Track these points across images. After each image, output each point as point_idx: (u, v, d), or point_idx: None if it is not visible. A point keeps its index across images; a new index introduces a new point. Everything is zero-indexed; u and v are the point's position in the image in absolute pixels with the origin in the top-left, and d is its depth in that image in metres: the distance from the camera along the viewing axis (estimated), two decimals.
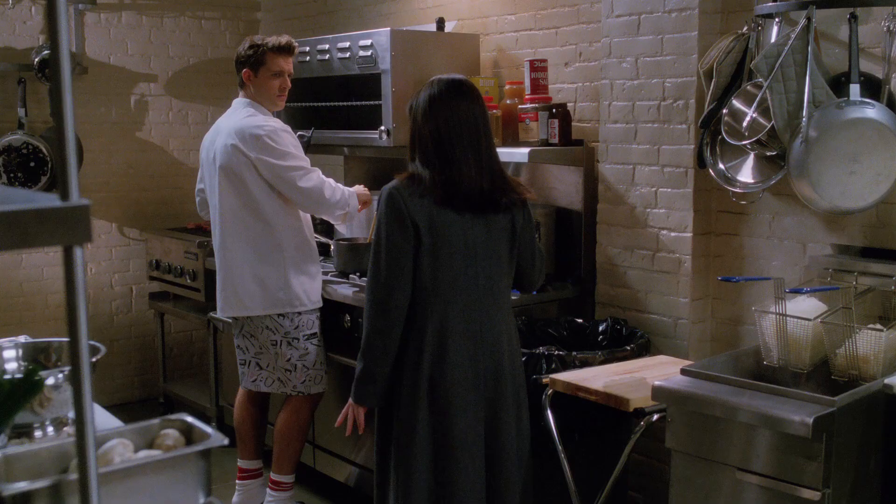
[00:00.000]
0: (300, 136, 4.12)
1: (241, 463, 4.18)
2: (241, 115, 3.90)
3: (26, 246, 1.17)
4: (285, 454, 4.02)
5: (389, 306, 2.85)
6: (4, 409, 1.43)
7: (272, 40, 3.95)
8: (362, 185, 4.21)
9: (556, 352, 3.40)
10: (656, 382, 2.87)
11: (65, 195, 1.20)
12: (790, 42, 3.09)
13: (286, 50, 3.97)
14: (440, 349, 2.86)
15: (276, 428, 4.05)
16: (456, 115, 2.89)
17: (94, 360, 2.14)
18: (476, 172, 2.87)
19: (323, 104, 4.64)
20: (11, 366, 2.13)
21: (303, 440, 4.08)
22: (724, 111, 3.34)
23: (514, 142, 4.07)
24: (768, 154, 3.30)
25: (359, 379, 2.95)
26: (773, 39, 3.22)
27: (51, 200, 1.18)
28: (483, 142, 2.91)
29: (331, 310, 4.20)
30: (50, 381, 1.89)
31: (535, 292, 3.90)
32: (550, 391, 3.21)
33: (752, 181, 3.39)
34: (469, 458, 2.88)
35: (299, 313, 3.91)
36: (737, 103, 3.32)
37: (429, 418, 2.88)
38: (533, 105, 4.02)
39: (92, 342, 2.34)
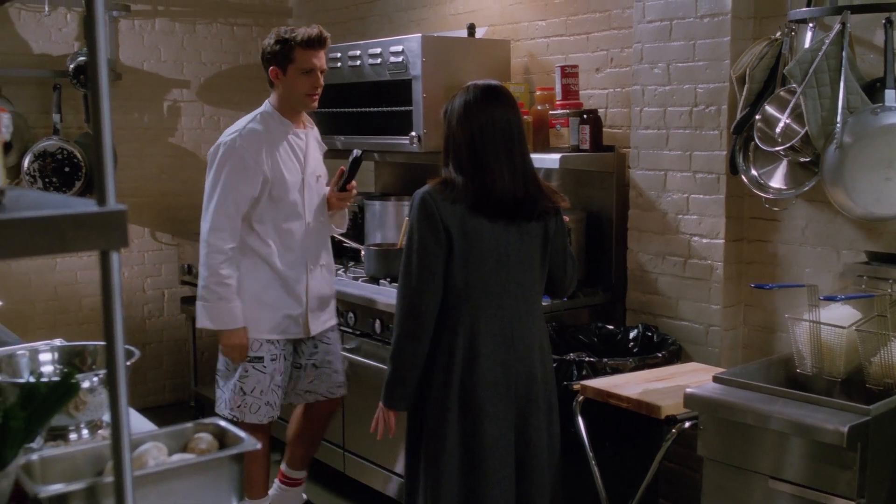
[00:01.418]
0: (352, 158, 3.84)
1: (285, 468, 4.09)
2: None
3: (64, 251, 1.18)
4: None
5: (420, 311, 2.86)
6: (41, 412, 1.44)
7: (301, 32, 3.59)
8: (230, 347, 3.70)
9: (587, 358, 3.39)
10: (688, 390, 2.86)
11: (101, 200, 1.21)
12: (824, 47, 3.07)
13: (317, 43, 3.61)
14: (471, 354, 2.86)
15: None
16: (490, 122, 2.88)
17: (128, 363, 2.16)
18: (509, 179, 2.87)
19: (354, 110, 4.65)
20: (47, 369, 2.15)
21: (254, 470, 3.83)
22: (757, 117, 3.32)
23: (545, 148, 4.06)
24: (802, 160, 3.27)
25: (389, 383, 2.96)
26: (806, 45, 3.20)
27: (88, 206, 1.20)
28: (517, 148, 2.90)
29: (362, 315, 4.21)
30: (85, 384, 1.91)
31: (565, 298, 3.90)
32: (581, 398, 3.20)
33: (785, 187, 3.36)
34: (499, 463, 2.88)
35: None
36: (770, 109, 3.30)
37: (459, 423, 2.87)
38: (564, 111, 4.01)
39: (126, 346, 2.37)
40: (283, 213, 3.67)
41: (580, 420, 3.20)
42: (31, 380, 1.50)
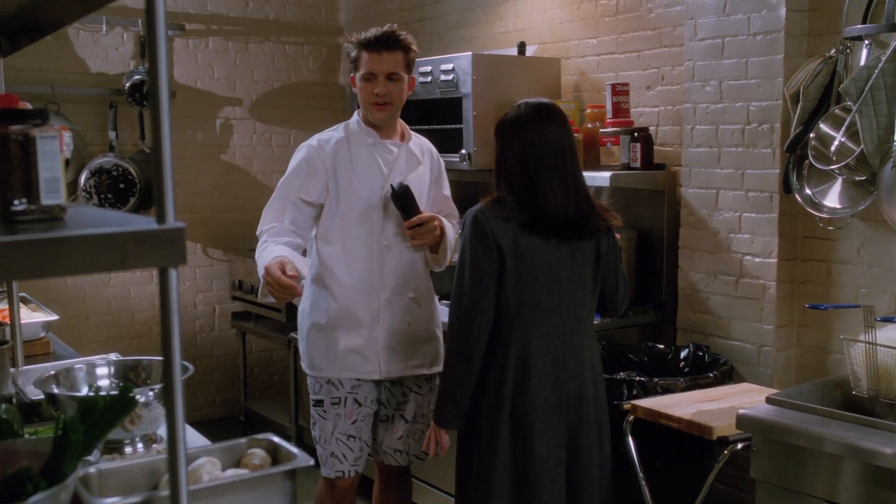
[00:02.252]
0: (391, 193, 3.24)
1: None
2: None
3: (125, 268, 1.20)
4: None
5: (472, 329, 2.85)
6: (99, 426, 1.47)
7: (369, 33, 3.23)
8: (281, 268, 2.99)
9: (638, 378, 3.36)
10: (741, 411, 2.82)
11: (161, 218, 1.23)
12: (881, 65, 3.03)
13: (379, 44, 3.19)
14: (523, 373, 2.85)
15: None
16: (542, 139, 2.88)
17: (182, 378, 2.19)
18: (562, 198, 2.86)
19: None
20: (104, 382, 2.19)
21: None
22: (811, 135, 3.29)
23: (596, 166, 4.05)
24: (857, 179, 3.23)
25: (441, 402, 2.97)
26: (862, 62, 3.17)
27: (148, 223, 1.22)
28: (569, 167, 2.90)
29: None
30: (141, 398, 1.93)
31: (616, 317, 3.88)
32: (632, 417, 3.17)
33: (840, 206, 3.32)
34: (550, 482, 2.86)
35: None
36: (824, 127, 3.27)
37: (510, 442, 2.86)
38: (614, 129, 4.00)
39: (182, 361, 2.40)
40: (352, 231, 3.22)
41: (630, 440, 3.17)
42: (90, 394, 1.52)
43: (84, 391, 2.13)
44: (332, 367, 3.25)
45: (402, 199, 3.21)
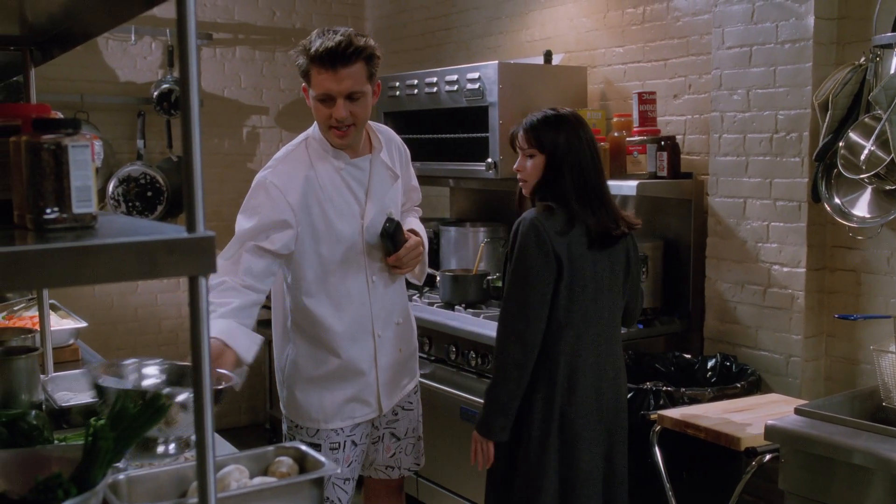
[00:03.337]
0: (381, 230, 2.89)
1: None
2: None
3: (155, 276, 1.21)
4: None
5: (528, 339, 2.81)
6: (130, 433, 1.48)
7: (317, 43, 2.69)
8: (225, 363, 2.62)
9: (664, 388, 3.35)
10: (769, 422, 2.80)
11: (191, 227, 1.24)
12: None
13: (332, 58, 2.65)
14: (570, 381, 2.85)
15: None
16: (589, 151, 2.89)
17: (221, 387, 2.18)
18: (613, 213, 2.89)
19: (430, 136, 4.69)
20: (150, 382, 2.20)
21: None
22: (841, 144, 3.27)
23: (622, 174, 4.03)
24: (887, 188, 3.20)
25: (490, 412, 2.89)
26: (892, 70, 3.14)
27: (178, 232, 1.22)
28: (604, 178, 2.94)
29: (437, 340, 4.22)
30: (180, 397, 1.90)
31: (640, 326, 3.87)
32: (658, 427, 3.16)
33: (870, 216, 3.29)
34: (593, 490, 2.87)
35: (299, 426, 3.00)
36: (854, 136, 3.24)
37: (558, 452, 2.85)
38: (641, 137, 3.99)
39: (226, 371, 2.38)
40: (337, 275, 2.87)
41: (657, 450, 3.16)
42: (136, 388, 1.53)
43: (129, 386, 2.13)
44: (331, 419, 2.95)
45: (393, 236, 2.90)
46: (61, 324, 3.55)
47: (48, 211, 1.28)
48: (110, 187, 5.40)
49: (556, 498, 2.85)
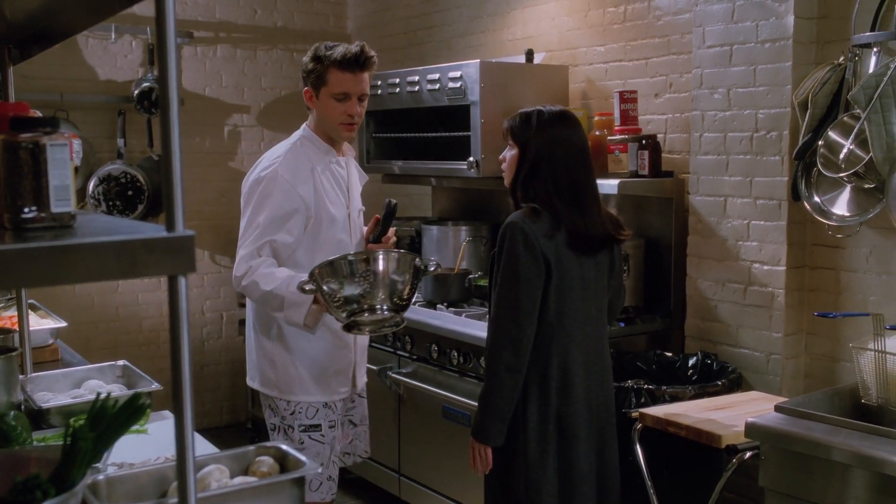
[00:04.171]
0: (384, 209, 3.24)
1: None
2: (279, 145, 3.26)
3: (134, 275, 1.20)
4: None
5: (521, 342, 2.81)
6: (109, 433, 1.47)
7: (339, 50, 3.09)
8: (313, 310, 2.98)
9: (646, 386, 3.36)
10: (749, 419, 2.81)
11: (171, 226, 1.23)
12: (889, 72, 3.03)
13: (355, 64, 3.09)
14: (564, 383, 2.86)
15: None
16: (578, 151, 2.89)
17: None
18: (599, 215, 2.89)
19: (412, 135, 4.68)
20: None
21: None
22: (820, 143, 3.28)
23: (603, 173, 4.04)
24: (866, 186, 3.22)
25: (486, 417, 2.87)
26: (871, 69, 3.16)
27: (158, 231, 1.22)
28: (594, 179, 2.94)
29: (419, 339, 4.22)
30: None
31: (622, 324, 3.88)
32: (640, 426, 3.17)
33: (849, 214, 3.31)
34: (589, 488, 2.90)
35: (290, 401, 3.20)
36: (833, 135, 3.26)
37: (556, 453, 2.86)
38: (622, 136, 4.00)
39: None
40: (328, 255, 3.03)
41: (639, 448, 3.17)
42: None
43: None
44: (327, 390, 3.19)
45: (390, 217, 3.23)
46: (41, 323, 3.53)
47: (26, 210, 1.28)
48: (90, 186, 5.38)
49: (556, 497, 2.86)
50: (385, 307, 2.81)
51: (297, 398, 3.17)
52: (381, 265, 2.82)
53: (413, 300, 3.00)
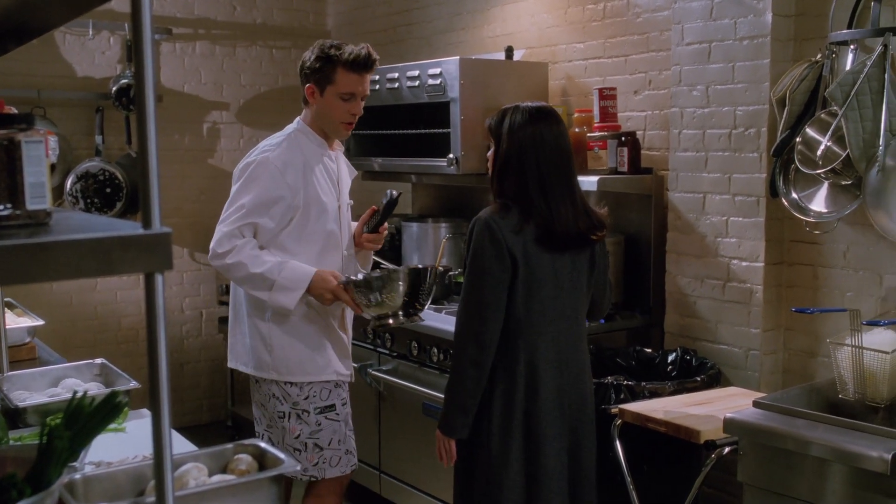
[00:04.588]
0: (386, 199, 3.39)
1: None
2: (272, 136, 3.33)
3: (110, 273, 1.20)
4: None
5: (485, 338, 2.81)
6: (85, 432, 1.46)
7: (348, 51, 3.18)
8: (330, 275, 3.20)
9: (625, 382, 3.37)
10: (728, 414, 2.83)
11: (147, 223, 1.22)
12: (866, 69, 3.05)
13: (364, 65, 3.20)
14: (532, 381, 2.85)
15: None
16: (550, 146, 2.85)
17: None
18: (573, 213, 2.84)
19: (392, 132, 4.68)
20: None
21: None
22: (798, 140, 3.30)
23: (583, 170, 4.05)
24: (843, 183, 3.24)
25: (449, 412, 2.90)
26: (848, 67, 3.18)
27: (134, 228, 1.21)
28: (574, 175, 2.90)
29: (399, 336, 4.22)
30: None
31: (602, 321, 3.89)
32: (619, 421, 3.18)
33: (827, 210, 3.33)
34: (557, 486, 2.88)
35: (298, 383, 3.27)
36: (810, 132, 3.28)
37: (522, 450, 2.86)
38: (602, 133, 4.01)
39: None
40: (320, 245, 3.26)
41: (618, 444, 3.18)
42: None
43: None
44: (337, 370, 3.31)
45: (391, 207, 3.40)
46: (17, 322, 3.51)
47: (1, 208, 1.26)
48: (68, 184, 5.34)
49: (522, 493, 2.86)
50: (404, 314, 3.22)
51: (303, 379, 3.25)
52: (411, 280, 3.18)
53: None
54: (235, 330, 3.40)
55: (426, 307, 3.27)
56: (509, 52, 4.55)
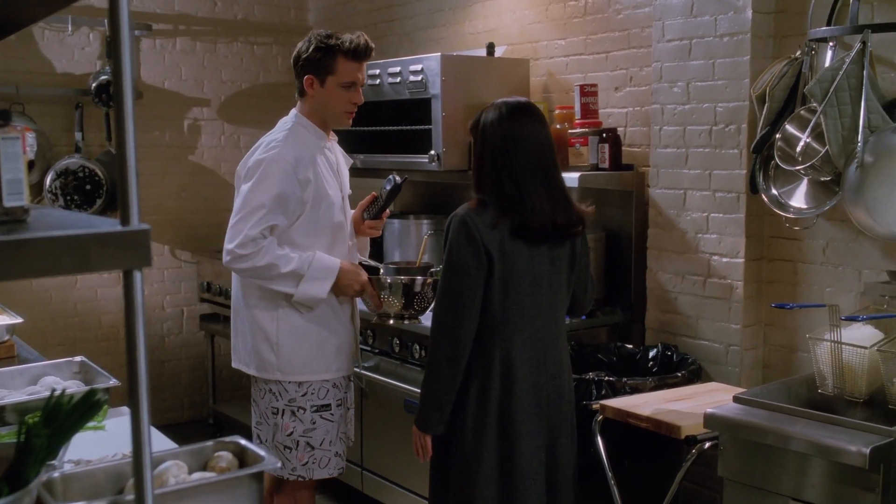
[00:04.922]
0: (389, 185, 3.43)
1: None
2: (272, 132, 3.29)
3: (88, 270, 1.19)
4: None
5: (459, 334, 2.82)
6: (63, 430, 1.45)
7: (347, 39, 3.17)
8: (356, 267, 3.33)
9: (606, 378, 3.38)
10: (708, 410, 2.84)
11: (125, 220, 1.22)
12: (845, 66, 3.06)
13: (363, 54, 3.20)
14: (508, 378, 2.85)
15: None
16: (525, 141, 2.83)
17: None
18: (549, 205, 2.83)
19: (373, 128, 4.67)
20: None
21: None
22: (778, 136, 3.32)
23: (564, 167, 4.04)
24: (822, 179, 3.26)
25: (425, 407, 2.91)
26: (827, 64, 3.20)
27: (112, 225, 1.21)
28: (552, 168, 2.87)
29: (381, 333, 4.22)
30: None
31: (584, 317, 3.89)
32: (600, 417, 3.19)
33: (806, 206, 3.35)
34: (533, 484, 2.88)
35: (298, 382, 3.27)
36: (790, 128, 3.29)
37: (496, 446, 2.85)
38: (583, 130, 4.02)
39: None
40: (329, 238, 3.27)
41: (599, 440, 3.19)
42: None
43: None
44: (336, 368, 3.31)
45: (395, 193, 3.45)
46: None
47: None
48: (48, 180, 5.30)
49: (496, 490, 2.86)
50: (411, 314, 3.43)
51: (307, 378, 3.25)
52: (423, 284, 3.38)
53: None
54: (237, 331, 3.38)
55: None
56: (490, 48, 4.55)
